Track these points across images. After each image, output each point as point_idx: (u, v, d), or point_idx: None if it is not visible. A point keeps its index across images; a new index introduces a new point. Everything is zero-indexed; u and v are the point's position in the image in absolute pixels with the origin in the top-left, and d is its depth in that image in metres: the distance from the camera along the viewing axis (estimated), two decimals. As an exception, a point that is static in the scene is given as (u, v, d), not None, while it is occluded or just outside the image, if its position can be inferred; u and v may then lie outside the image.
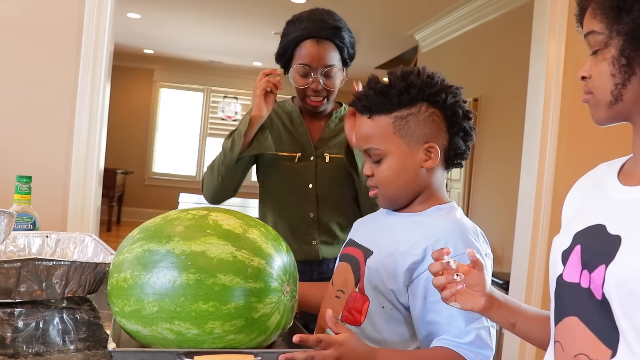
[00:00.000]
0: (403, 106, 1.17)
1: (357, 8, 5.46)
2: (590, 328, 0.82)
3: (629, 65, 0.81)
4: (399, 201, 1.23)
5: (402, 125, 1.17)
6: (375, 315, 1.16)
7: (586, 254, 0.84)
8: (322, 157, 1.78)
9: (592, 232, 0.85)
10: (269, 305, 0.98)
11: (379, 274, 1.16)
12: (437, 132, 1.18)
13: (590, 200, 0.94)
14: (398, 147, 1.18)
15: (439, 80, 1.20)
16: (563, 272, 0.88)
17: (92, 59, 2.39)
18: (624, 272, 0.77)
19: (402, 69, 1.21)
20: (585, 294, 0.82)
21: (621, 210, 0.84)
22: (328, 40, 1.71)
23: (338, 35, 1.72)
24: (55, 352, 1.03)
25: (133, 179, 8.96)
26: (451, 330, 1.07)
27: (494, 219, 4.56)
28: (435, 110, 1.18)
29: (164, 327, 0.95)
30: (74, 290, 1.34)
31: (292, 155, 1.78)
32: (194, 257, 0.95)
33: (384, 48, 6.99)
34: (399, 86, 1.17)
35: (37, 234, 1.61)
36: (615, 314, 0.78)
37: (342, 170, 1.77)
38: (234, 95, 9.34)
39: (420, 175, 1.19)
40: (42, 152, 2.38)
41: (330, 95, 1.75)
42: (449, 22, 5.43)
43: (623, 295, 0.76)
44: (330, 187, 1.78)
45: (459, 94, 1.20)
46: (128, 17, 6.46)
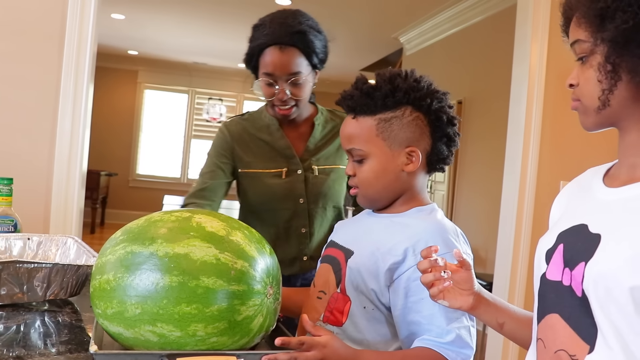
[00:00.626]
0: (387, 109, 1.18)
1: (342, 10, 5.47)
2: (570, 324, 0.84)
3: (614, 72, 0.83)
4: (379, 202, 1.24)
5: (385, 127, 1.18)
6: (356, 315, 1.17)
7: (568, 252, 0.86)
8: (311, 169, 1.71)
9: (574, 232, 0.88)
10: (252, 307, 0.98)
11: (360, 274, 1.17)
12: (420, 136, 1.19)
13: (575, 202, 0.96)
14: (380, 149, 1.18)
15: (426, 84, 1.20)
16: (546, 271, 0.90)
17: (75, 59, 2.37)
18: (602, 269, 0.79)
19: (390, 70, 1.21)
20: (567, 292, 0.84)
21: (603, 210, 0.86)
22: (292, 46, 1.59)
23: (303, 40, 1.60)
24: (36, 355, 1.02)
25: (117, 180, 8.90)
26: (432, 330, 1.08)
27: (477, 220, 4.59)
28: (419, 114, 1.18)
29: (147, 329, 0.95)
30: (56, 293, 1.33)
31: (278, 172, 1.70)
32: (177, 259, 0.95)
33: (369, 50, 7.01)
34: (384, 88, 1.17)
35: (18, 237, 1.60)
36: (594, 310, 0.80)
37: (333, 180, 1.74)
38: (218, 97, 9.31)
39: (400, 178, 1.20)
40: (24, 153, 2.36)
41: (299, 102, 1.66)
42: (434, 25, 5.47)
43: (601, 291, 0.78)
44: (323, 200, 1.73)
45: (444, 99, 1.21)
46: (112, 17, 6.42)
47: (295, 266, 1.73)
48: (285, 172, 1.70)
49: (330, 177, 1.73)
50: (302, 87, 1.63)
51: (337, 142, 1.75)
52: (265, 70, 1.61)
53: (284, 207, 1.69)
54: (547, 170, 2.87)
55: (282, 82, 1.60)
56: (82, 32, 2.37)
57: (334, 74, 8.92)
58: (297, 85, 1.62)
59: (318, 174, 1.71)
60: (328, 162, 1.73)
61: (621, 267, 0.77)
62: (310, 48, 1.61)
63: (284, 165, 1.70)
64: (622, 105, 0.85)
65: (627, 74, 0.83)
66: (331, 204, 1.75)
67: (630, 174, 0.87)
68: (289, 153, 1.71)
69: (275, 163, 1.70)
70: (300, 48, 1.60)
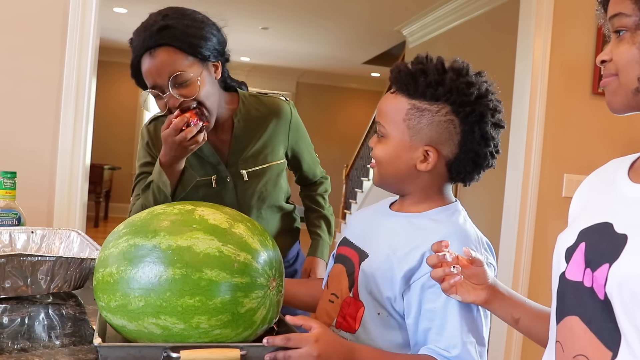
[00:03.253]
0: (425, 99, 1.10)
1: (344, 3, 5.46)
2: (591, 329, 0.79)
3: None
4: (389, 187, 1.19)
5: (414, 116, 1.10)
6: (370, 322, 1.12)
7: (590, 252, 0.81)
8: (239, 175, 1.58)
9: (598, 230, 0.82)
10: (255, 300, 0.98)
11: (374, 280, 1.12)
12: (446, 141, 1.11)
13: (598, 197, 0.90)
14: (400, 136, 1.12)
15: (476, 92, 1.09)
16: (566, 270, 0.85)
17: (78, 53, 2.37)
18: (628, 272, 0.74)
19: (455, 62, 1.12)
20: (588, 293, 0.79)
21: (630, 208, 0.81)
22: (160, 46, 1.41)
23: (170, 35, 1.41)
24: (40, 347, 1.03)
25: (120, 174, 8.91)
26: (440, 341, 1.04)
27: (480, 214, 4.59)
28: (454, 119, 1.09)
29: (150, 322, 0.95)
30: (60, 286, 1.33)
31: (208, 179, 1.57)
32: (180, 251, 0.95)
33: (371, 43, 7.00)
34: (431, 78, 1.09)
35: (22, 230, 1.60)
36: (617, 315, 0.75)
37: (265, 182, 1.61)
38: (221, 91, 9.29)
39: (413, 172, 1.13)
40: (27, 147, 2.36)
41: (205, 103, 1.45)
42: (436, 18, 5.45)
43: (626, 295, 0.74)
44: (257, 205, 1.62)
45: (491, 117, 1.11)
46: (114, 11, 6.42)
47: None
48: (214, 179, 1.57)
49: (262, 180, 1.60)
50: (191, 86, 1.42)
51: (267, 139, 1.61)
52: (148, 84, 1.45)
53: None
54: (550, 163, 2.86)
55: (166, 89, 1.42)
56: (85, 26, 2.37)
57: (336, 67, 8.90)
58: (185, 85, 1.42)
59: (248, 178, 1.58)
60: (258, 162, 1.59)
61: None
62: (184, 41, 1.42)
63: (212, 173, 1.57)
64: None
65: None
66: (267, 205, 1.64)
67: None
68: (214, 160, 1.57)
69: (203, 170, 1.57)
70: (171, 45, 1.41)
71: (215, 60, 1.51)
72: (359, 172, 7.75)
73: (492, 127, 1.11)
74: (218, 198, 1.55)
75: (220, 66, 1.53)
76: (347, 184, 8.32)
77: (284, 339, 0.97)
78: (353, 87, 9.65)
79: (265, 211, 1.65)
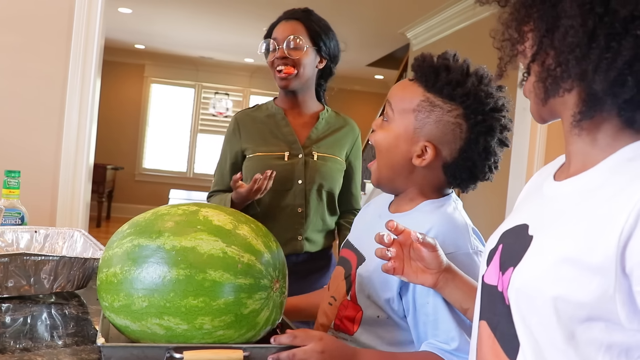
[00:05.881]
0: (441, 95, 1.08)
1: (349, 5, 5.46)
2: (495, 335, 0.77)
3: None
4: (384, 184, 1.18)
5: (425, 109, 1.09)
6: (370, 324, 1.13)
7: (504, 255, 0.79)
8: (311, 155, 1.83)
9: (515, 232, 0.80)
10: (258, 301, 0.98)
11: (371, 283, 1.12)
12: (448, 143, 1.09)
13: (528, 197, 0.89)
14: (405, 124, 1.11)
15: (493, 103, 1.08)
16: (485, 273, 0.83)
17: (83, 53, 2.37)
18: (524, 276, 0.71)
19: (480, 69, 1.11)
20: (499, 298, 0.77)
21: (544, 207, 0.78)
22: (296, 20, 1.82)
23: (307, 17, 1.83)
24: (43, 347, 1.03)
25: (123, 174, 8.92)
26: (439, 335, 1.04)
27: (483, 216, 4.58)
28: (463, 123, 1.08)
29: (154, 322, 0.95)
30: (63, 286, 1.33)
31: (280, 154, 1.82)
32: (184, 252, 0.95)
33: (375, 46, 6.99)
34: (452, 76, 1.08)
35: (25, 229, 1.60)
36: (515, 322, 0.73)
37: (330, 167, 1.85)
38: (225, 92, 9.30)
39: (408, 166, 1.12)
40: (31, 147, 2.37)
41: (299, 68, 1.79)
42: (441, 21, 5.45)
43: (522, 301, 0.71)
44: (319, 183, 1.83)
45: (498, 134, 1.10)
46: (119, 11, 6.42)
47: (290, 245, 1.80)
48: (287, 155, 1.82)
49: (328, 164, 1.85)
50: (299, 51, 1.78)
51: (338, 138, 1.90)
52: (272, 36, 1.82)
53: (284, 187, 1.79)
54: (554, 166, 2.86)
55: (282, 44, 1.79)
56: (90, 26, 2.38)
57: (340, 68, 8.90)
58: (295, 48, 1.78)
59: (317, 159, 1.84)
60: (328, 151, 1.86)
61: (544, 274, 0.69)
62: (313, 28, 1.81)
63: (286, 149, 1.83)
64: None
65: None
66: (327, 188, 1.85)
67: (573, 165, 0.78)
68: (291, 139, 1.84)
69: (278, 147, 1.83)
70: (303, 23, 1.81)
71: (324, 56, 1.86)
72: (362, 175, 7.74)
73: (496, 143, 1.11)
74: (288, 171, 1.80)
75: (324, 63, 1.87)
76: (350, 185, 8.30)
77: (290, 336, 0.99)
78: (357, 89, 9.65)
79: (324, 193, 1.86)
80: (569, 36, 0.68)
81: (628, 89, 0.66)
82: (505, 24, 0.78)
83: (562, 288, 0.66)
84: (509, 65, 0.79)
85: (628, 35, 0.65)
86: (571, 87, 0.72)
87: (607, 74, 0.66)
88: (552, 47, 0.72)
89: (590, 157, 0.73)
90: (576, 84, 0.71)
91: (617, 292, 0.63)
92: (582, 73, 0.69)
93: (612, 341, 0.66)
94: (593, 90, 0.69)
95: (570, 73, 0.70)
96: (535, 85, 0.77)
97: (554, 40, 0.71)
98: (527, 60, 0.77)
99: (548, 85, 0.73)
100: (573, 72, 0.70)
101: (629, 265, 0.62)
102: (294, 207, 1.81)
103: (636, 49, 0.64)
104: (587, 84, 0.70)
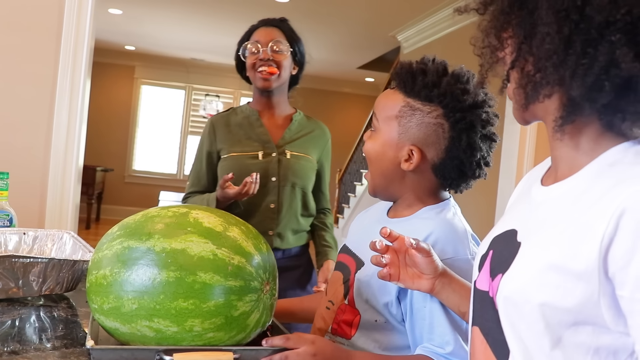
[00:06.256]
0: (419, 98, 1.10)
1: (340, 8, 5.47)
2: (487, 341, 0.78)
3: None
4: (380, 192, 1.20)
5: (406, 114, 1.11)
6: (368, 328, 1.13)
7: (494, 261, 0.80)
8: (284, 153, 1.91)
9: (505, 238, 0.80)
10: (248, 303, 0.98)
11: (370, 288, 1.12)
12: (433, 144, 1.11)
13: (517, 201, 0.89)
14: (390, 131, 1.13)
15: (472, 100, 1.10)
16: (477, 279, 0.84)
17: (72, 54, 2.36)
18: (512, 283, 0.72)
19: (458, 69, 1.13)
20: (490, 304, 0.78)
21: (532, 213, 0.78)
22: (274, 27, 1.92)
23: (286, 26, 1.94)
24: (32, 350, 1.02)
25: (113, 176, 8.88)
26: (434, 339, 1.04)
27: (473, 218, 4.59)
28: (445, 123, 1.09)
29: (143, 324, 0.95)
30: (52, 288, 1.32)
31: (254, 154, 1.89)
32: (175, 254, 0.95)
33: (366, 48, 7.01)
34: (428, 78, 1.10)
35: (14, 231, 1.59)
36: (504, 328, 0.74)
37: (303, 165, 1.92)
38: (215, 93, 9.29)
39: (398, 172, 1.14)
40: (20, 148, 2.35)
41: (280, 70, 1.87)
42: (432, 24, 5.47)
43: (510, 307, 0.72)
44: (292, 180, 1.90)
45: (481, 129, 1.11)
46: (109, 12, 6.40)
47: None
48: (261, 154, 1.89)
49: (301, 162, 1.92)
50: (282, 55, 1.87)
51: (310, 139, 1.98)
52: (252, 40, 1.91)
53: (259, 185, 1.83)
54: (544, 169, 2.88)
55: (264, 47, 1.87)
56: (80, 27, 2.36)
57: (331, 71, 8.92)
58: (278, 52, 1.87)
59: (290, 157, 1.91)
60: (301, 151, 1.93)
61: (530, 281, 0.70)
62: (290, 35, 1.92)
63: (260, 149, 1.89)
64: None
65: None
66: (300, 185, 1.92)
67: (560, 169, 0.78)
68: (265, 138, 1.92)
69: (252, 147, 1.90)
70: (282, 31, 1.91)
71: (297, 63, 1.96)
72: (352, 177, 7.75)
73: (481, 138, 1.11)
74: (262, 169, 1.86)
75: (297, 69, 1.97)
76: (340, 188, 8.32)
77: (282, 338, 0.99)
78: (347, 92, 9.66)
79: (297, 189, 1.92)
80: (546, 43, 0.69)
81: (605, 94, 0.67)
82: (484, 31, 0.79)
83: (548, 295, 0.67)
84: (490, 72, 0.80)
85: (603, 41, 0.66)
86: (551, 93, 0.73)
87: (584, 80, 0.67)
88: (531, 54, 0.72)
89: (575, 162, 0.74)
90: (555, 89, 0.72)
91: (602, 296, 0.64)
92: (560, 79, 0.70)
93: (599, 344, 0.67)
94: (571, 95, 0.70)
95: (548, 79, 0.71)
96: (515, 91, 0.78)
97: (532, 47, 0.72)
98: (507, 67, 0.78)
99: (528, 91, 0.74)
100: (551, 78, 0.71)
101: (612, 270, 0.63)
102: (268, 203, 1.87)
103: (612, 55, 0.65)
104: (565, 89, 0.71)
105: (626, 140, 0.71)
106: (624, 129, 0.70)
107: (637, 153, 0.69)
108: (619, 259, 0.62)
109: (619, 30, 0.65)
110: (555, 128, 0.74)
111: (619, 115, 0.69)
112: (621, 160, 0.69)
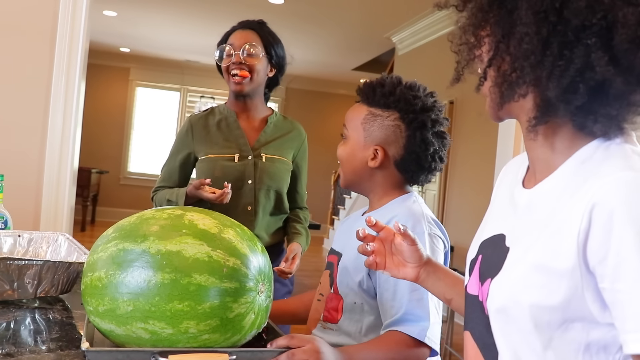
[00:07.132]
0: (380, 106, 1.30)
1: (334, 10, 5.48)
2: (478, 345, 0.79)
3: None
4: (351, 185, 1.37)
5: (370, 121, 1.30)
6: (350, 311, 1.28)
7: (483, 265, 0.81)
8: (260, 156, 1.94)
9: (493, 242, 0.82)
10: (244, 305, 0.98)
11: (347, 272, 1.29)
12: (393, 142, 1.29)
13: (500, 202, 0.90)
14: (357, 137, 1.32)
15: (421, 103, 1.28)
16: (467, 283, 0.85)
17: (67, 56, 2.36)
18: (502, 287, 0.74)
19: (411, 81, 1.32)
20: (480, 308, 0.79)
21: (518, 218, 0.79)
22: (251, 29, 1.93)
23: (261, 28, 1.95)
24: (27, 352, 1.02)
25: (108, 178, 8.86)
26: (394, 307, 1.18)
27: (468, 220, 4.60)
28: (401, 124, 1.28)
29: (139, 326, 0.95)
30: (47, 290, 1.32)
31: (231, 156, 1.92)
32: (170, 256, 0.95)
33: (361, 50, 7.02)
34: (386, 89, 1.29)
35: (8, 233, 1.59)
36: (494, 332, 0.75)
37: (278, 168, 1.95)
38: (210, 95, 9.28)
39: (367, 170, 1.31)
40: (15, 150, 2.35)
41: (253, 74, 1.89)
42: (426, 25, 5.48)
43: (500, 311, 0.73)
44: (268, 183, 1.93)
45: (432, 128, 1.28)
46: (104, 14, 6.39)
47: None
48: (237, 157, 1.91)
49: (276, 164, 1.95)
50: (255, 58, 1.89)
51: (286, 141, 2.01)
52: (228, 42, 1.91)
53: (235, 187, 1.85)
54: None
55: (238, 50, 1.88)
56: (74, 29, 2.36)
57: (326, 73, 8.92)
58: (251, 55, 1.88)
59: (265, 160, 1.94)
60: (276, 153, 1.96)
61: (517, 284, 0.71)
62: (267, 38, 1.93)
63: (236, 152, 1.92)
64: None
65: None
66: (275, 188, 1.95)
67: (538, 171, 0.79)
68: (242, 141, 1.94)
69: (229, 149, 1.92)
70: (258, 33, 1.93)
71: (274, 65, 1.97)
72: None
73: (432, 135, 1.29)
74: (238, 172, 1.89)
75: (274, 72, 1.98)
76: (336, 190, 8.32)
77: (287, 338, 1.03)
78: (342, 93, 9.68)
79: (272, 192, 1.95)
80: (524, 43, 0.70)
81: (580, 96, 0.69)
82: (462, 28, 0.80)
83: (535, 295, 0.69)
84: (466, 69, 0.81)
85: (579, 44, 0.67)
86: (526, 93, 0.74)
87: (559, 81, 0.69)
88: (508, 53, 0.74)
89: (552, 162, 0.76)
90: (531, 89, 0.73)
91: (586, 290, 0.66)
92: (537, 79, 0.71)
93: (589, 340, 0.68)
94: (546, 96, 0.71)
95: (525, 79, 0.72)
96: (491, 89, 0.79)
97: (509, 46, 0.73)
98: (484, 65, 0.78)
99: (504, 90, 0.75)
100: (528, 78, 0.72)
101: (592, 264, 0.65)
102: (245, 206, 1.90)
103: (587, 58, 0.67)
104: (541, 90, 0.72)
105: (596, 138, 0.73)
106: (595, 131, 0.72)
107: (605, 149, 0.71)
108: (596, 252, 0.64)
109: (594, 34, 0.66)
110: (529, 128, 0.75)
111: (591, 117, 0.70)
112: (591, 157, 0.71)
